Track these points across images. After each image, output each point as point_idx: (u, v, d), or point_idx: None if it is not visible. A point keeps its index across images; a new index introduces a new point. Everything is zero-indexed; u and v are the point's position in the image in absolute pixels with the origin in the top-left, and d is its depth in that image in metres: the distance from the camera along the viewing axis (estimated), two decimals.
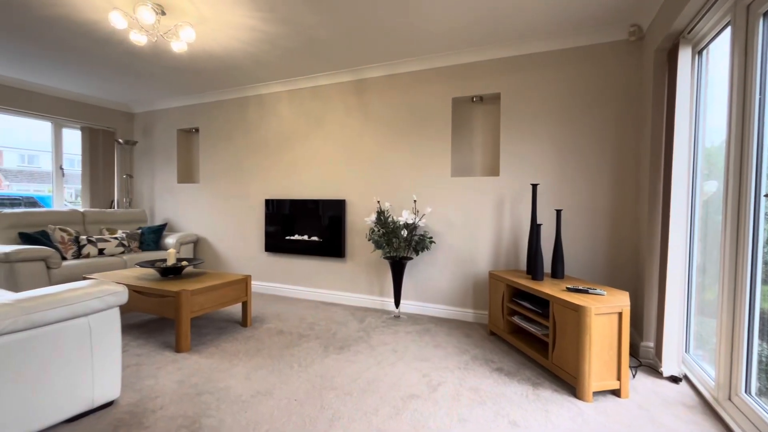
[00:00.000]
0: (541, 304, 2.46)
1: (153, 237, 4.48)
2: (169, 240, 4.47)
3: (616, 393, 2.04)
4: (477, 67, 3.27)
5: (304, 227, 3.99)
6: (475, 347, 2.70)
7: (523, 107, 3.12)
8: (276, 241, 4.15)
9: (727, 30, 1.86)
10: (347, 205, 3.84)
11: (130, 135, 5.30)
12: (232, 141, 4.49)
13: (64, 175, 4.71)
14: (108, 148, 5.03)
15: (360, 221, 3.78)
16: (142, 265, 2.96)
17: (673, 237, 2.20)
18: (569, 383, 2.12)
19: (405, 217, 3.20)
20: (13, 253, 3.14)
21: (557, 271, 2.62)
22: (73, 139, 4.84)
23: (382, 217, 3.31)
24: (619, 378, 2.02)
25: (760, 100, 1.61)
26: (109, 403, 1.87)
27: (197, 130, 4.85)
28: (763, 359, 1.64)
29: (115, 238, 4.12)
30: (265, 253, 4.29)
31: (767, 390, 1.61)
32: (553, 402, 1.96)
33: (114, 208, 5.03)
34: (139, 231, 4.45)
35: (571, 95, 2.96)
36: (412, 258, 3.37)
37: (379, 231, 3.32)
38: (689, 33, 2.11)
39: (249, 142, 4.38)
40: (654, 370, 2.33)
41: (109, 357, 1.82)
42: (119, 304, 1.87)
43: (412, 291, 3.56)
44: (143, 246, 4.41)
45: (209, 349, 2.61)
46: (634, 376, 2.26)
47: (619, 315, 2.01)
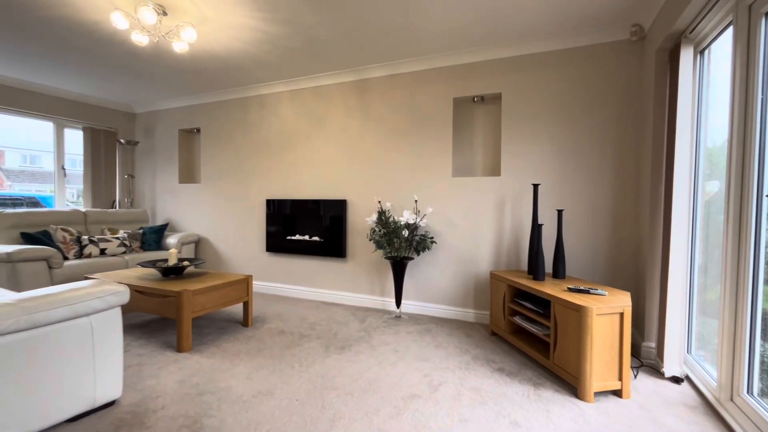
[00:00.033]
0: (543, 304, 2.46)
1: (154, 237, 4.48)
2: (171, 240, 4.48)
3: (617, 393, 2.03)
4: (478, 67, 3.27)
5: (305, 227, 3.99)
6: (476, 347, 2.70)
7: (524, 107, 3.12)
8: (277, 241, 4.15)
9: (729, 30, 1.86)
10: (348, 205, 3.84)
11: (132, 135, 5.31)
12: (234, 141, 4.49)
13: (65, 175, 4.72)
14: (109, 148, 5.05)
15: (361, 221, 3.78)
16: (143, 265, 2.97)
17: (674, 237, 2.19)
18: (570, 383, 2.12)
19: (406, 217, 3.20)
20: (15, 253, 3.15)
21: (558, 272, 2.62)
22: (74, 139, 4.85)
23: (383, 217, 3.31)
24: (620, 378, 2.01)
25: (762, 99, 1.60)
26: (111, 403, 1.87)
27: (198, 131, 4.86)
28: (765, 360, 1.64)
29: (117, 238, 4.13)
30: (266, 253, 4.30)
31: None
32: (554, 402, 1.96)
33: (115, 208, 5.04)
34: (140, 231, 4.46)
35: (572, 95, 2.96)
36: (413, 258, 3.37)
37: (380, 231, 3.32)
38: (691, 33, 2.11)
39: (250, 142, 4.38)
40: (655, 371, 2.32)
41: (110, 357, 1.83)
42: (121, 304, 1.87)
43: (413, 291, 3.56)
44: (145, 246, 4.42)
45: (210, 349, 2.61)
46: (635, 377, 2.25)
47: (621, 315, 2.01)
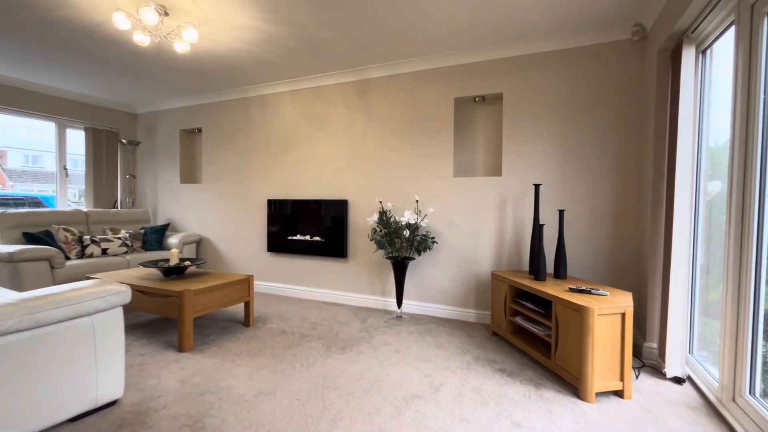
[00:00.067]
0: (544, 304, 2.46)
1: (156, 237, 4.49)
2: (172, 240, 4.49)
3: (619, 394, 2.03)
4: (479, 67, 3.26)
5: (307, 227, 4.00)
6: (478, 348, 2.70)
7: (526, 107, 3.11)
8: (278, 241, 4.15)
9: (731, 30, 1.86)
10: (349, 205, 3.84)
11: (133, 135, 5.32)
12: (235, 141, 4.50)
13: (67, 175, 4.73)
14: (111, 148, 5.06)
15: (362, 221, 3.78)
16: (145, 265, 2.97)
17: (676, 237, 2.19)
18: (572, 384, 2.12)
19: (407, 217, 3.20)
20: (17, 253, 3.16)
21: (560, 272, 2.62)
22: (76, 139, 4.86)
23: (384, 217, 3.31)
24: (622, 379, 2.01)
25: (764, 99, 1.60)
26: (113, 403, 1.87)
27: (200, 131, 4.87)
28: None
29: (119, 238, 4.14)
30: (268, 253, 4.30)
31: None
32: (555, 403, 1.96)
33: (117, 208, 5.05)
34: (142, 231, 4.47)
35: (574, 95, 2.96)
36: (414, 258, 3.37)
37: (381, 231, 3.32)
38: (693, 32, 2.11)
39: (251, 142, 4.39)
40: (657, 371, 2.32)
41: (112, 356, 1.83)
42: (122, 304, 1.88)
43: (414, 291, 3.56)
44: (146, 246, 4.42)
45: (212, 348, 2.62)
46: (637, 377, 2.25)
47: (622, 315, 2.01)
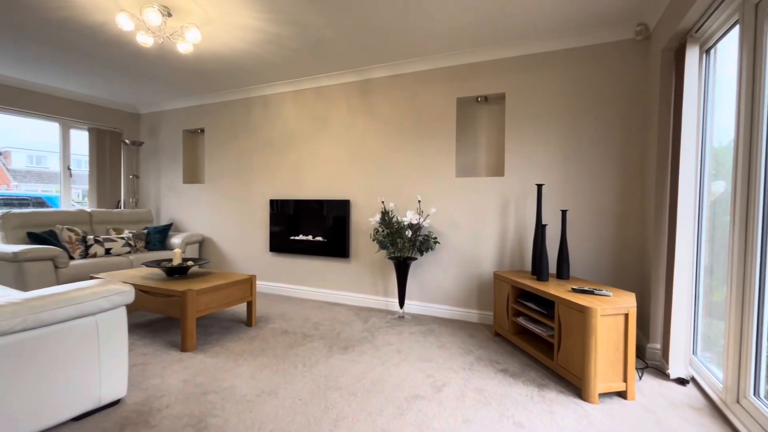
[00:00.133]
0: (547, 305, 2.45)
1: (159, 237, 4.51)
2: (175, 240, 4.50)
3: (622, 395, 2.02)
4: (481, 67, 3.26)
5: (309, 227, 4.00)
6: (480, 348, 2.70)
7: (528, 107, 3.11)
8: (281, 242, 4.16)
9: (735, 29, 1.84)
10: (351, 205, 3.84)
11: (137, 136, 5.34)
12: (237, 141, 4.51)
13: (71, 175, 4.76)
14: (115, 148, 5.08)
15: (364, 221, 3.78)
16: (148, 264, 2.99)
17: (680, 237, 2.18)
18: (575, 384, 2.11)
19: (409, 217, 3.20)
20: (21, 253, 3.17)
21: (562, 272, 2.61)
22: (80, 140, 4.89)
23: (386, 217, 3.31)
24: (625, 380, 2.00)
25: None
26: (116, 402, 1.88)
27: (203, 131, 4.88)
28: None
29: (122, 238, 4.16)
30: (270, 253, 4.31)
31: None
32: (558, 403, 1.95)
33: (120, 208, 5.07)
34: (145, 231, 4.48)
35: (577, 95, 2.95)
36: (416, 258, 3.37)
37: (383, 231, 3.32)
38: (697, 32, 2.10)
39: (254, 142, 4.40)
40: (661, 372, 2.31)
41: (115, 356, 1.84)
42: (126, 304, 1.88)
43: (417, 291, 3.56)
44: (149, 246, 4.44)
45: (214, 348, 2.62)
46: (640, 378, 2.24)
47: (626, 316, 2.00)
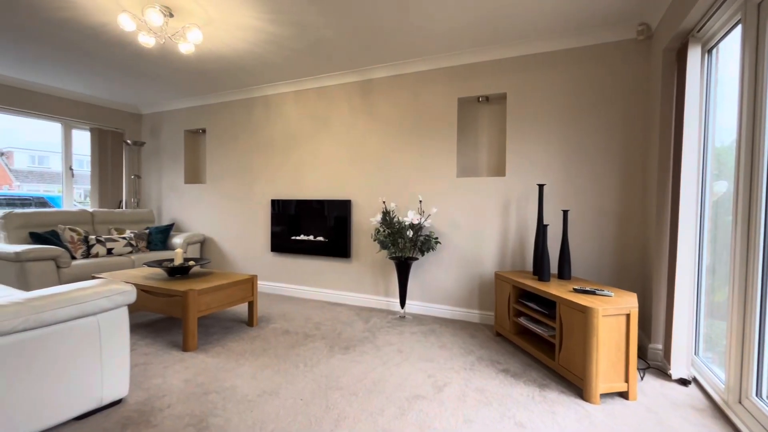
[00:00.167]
0: (548, 305, 2.45)
1: (160, 237, 4.52)
2: (177, 240, 4.51)
3: (623, 395, 2.02)
4: (482, 67, 3.26)
5: (310, 227, 4.00)
6: (481, 348, 2.69)
7: (529, 107, 3.10)
8: (282, 242, 4.16)
9: (738, 29, 1.84)
10: (353, 205, 3.84)
11: (138, 136, 5.35)
12: (239, 142, 4.52)
13: (73, 175, 4.77)
14: (116, 148, 5.09)
15: (365, 221, 3.79)
16: (149, 264, 2.99)
17: (682, 238, 2.17)
18: (576, 385, 2.11)
19: (410, 217, 3.20)
20: (23, 253, 3.18)
21: (564, 272, 2.61)
22: (82, 140, 4.90)
23: (387, 217, 3.31)
24: (626, 380, 2.00)
25: None
26: (118, 402, 1.89)
27: (204, 131, 4.89)
28: None
29: (124, 238, 4.17)
30: (271, 253, 4.31)
31: None
32: (559, 403, 1.95)
33: (122, 208, 5.08)
34: (146, 231, 4.49)
35: (578, 95, 2.94)
36: (417, 258, 3.37)
37: (384, 231, 3.32)
38: (699, 32, 2.09)
39: (255, 142, 4.40)
40: (662, 373, 2.30)
41: (117, 355, 1.84)
42: (127, 303, 1.89)
43: (418, 291, 3.55)
44: (151, 246, 4.45)
45: (216, 348, 2.63)
46: (642, 379, 2.23)
47: (627, 316, 1.99)
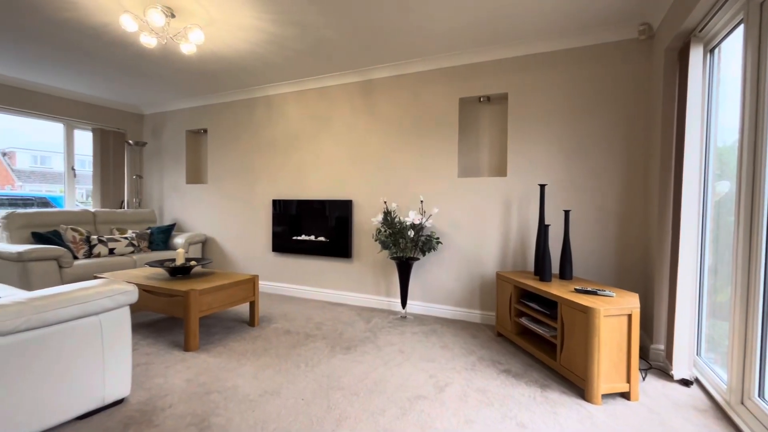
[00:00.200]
0: (549, 305, 2.45)
1: (162, 237, 4.53)
2: (178, 240, 4.52)
3: (625, 396, 2.02)
4: (484, 67, 3.26)
5: (311, 227, 4.01)
6: (482, 348, 2.69)
7: (531, 107, 3.10)
8: (283, 242, 4.17)
9: (740, 28, 1.84)
10: (354, 205, 3.85)
11: (140, 136, 5.36)
12: (240, 142, 4.52)
13: (75, 175, 4.78)
14: (118, 149, 5.10)
15: (367, 222, 3.79)
16: (151, 264, 3.00)
17: (683, 238, 2.17)
18: (578, 385, 2.10)
19: (412, 217, 3.20)
20: (26, 253, 3.19)
21: (565, 272, 2.60)
22: (84, 140, 4.91)
23: (388, 217, 3.31)
24: (628, 381, 1.99)
25: None
26: (120, 401, 1.89)
27: (205, 131, 4.90)
28: None
29: (125, 238, 4.18)
30: (273, 253, 4.32)
31: None
32: (561, 404, 1.94)
33: (124, 208, 5.09)
34: (148, 231, 4.50)
35: (579, 95, 2.94)
36: (418, 258, 3.37)
37: (385, 231, 3.32)
38: (701, 31, 2.09)
39: (256, 142, 4.41)
40: (664, 373, 2.30)
41: (119, 355, 1.85)
42: (129, 303, 1.89)
43: (419, 291, 3.55)
44: (152, 246, 4.46)
45: (217, 348, 2.63)
46: (644, 379, 2.23)
47: (629, 317, 1.99)
